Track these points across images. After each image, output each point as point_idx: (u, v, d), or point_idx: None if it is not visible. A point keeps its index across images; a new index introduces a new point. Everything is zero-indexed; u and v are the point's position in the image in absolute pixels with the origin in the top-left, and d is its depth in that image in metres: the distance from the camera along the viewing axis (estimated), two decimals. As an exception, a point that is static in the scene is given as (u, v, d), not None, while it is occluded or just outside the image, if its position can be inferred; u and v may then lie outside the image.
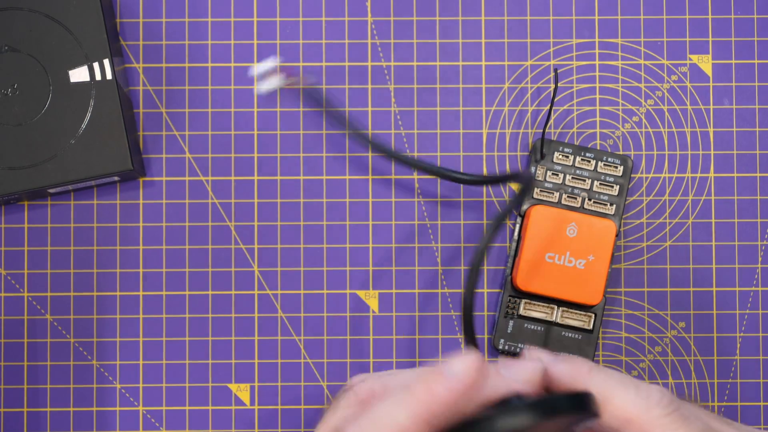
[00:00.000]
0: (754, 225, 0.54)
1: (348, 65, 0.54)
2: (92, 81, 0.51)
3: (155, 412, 0.53)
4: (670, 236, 0.54)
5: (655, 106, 0.54)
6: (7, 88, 0.51)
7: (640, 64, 0.54)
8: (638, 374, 0.53)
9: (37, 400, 0.53)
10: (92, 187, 0.53)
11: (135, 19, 0.54)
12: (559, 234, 0.51)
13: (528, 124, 0.54)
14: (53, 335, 0.53)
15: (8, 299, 0.53)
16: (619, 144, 0.54)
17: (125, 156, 0.51)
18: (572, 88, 0.54)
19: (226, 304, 0.53)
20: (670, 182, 0.54)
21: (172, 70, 0.54)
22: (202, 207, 0.53)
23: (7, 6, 0.51)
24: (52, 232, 0.53)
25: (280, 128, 0.54)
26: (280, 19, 0.54)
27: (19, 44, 0.51)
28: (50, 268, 0.53)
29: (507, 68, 0.54)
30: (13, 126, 0.51)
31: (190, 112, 0.54)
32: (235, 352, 0.53)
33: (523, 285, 0.51)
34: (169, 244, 0.53)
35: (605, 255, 0.51)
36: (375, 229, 0.53)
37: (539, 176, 0.52)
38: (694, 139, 0.54)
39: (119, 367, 0.53)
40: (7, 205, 0.53)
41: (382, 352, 0.53)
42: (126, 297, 0.53)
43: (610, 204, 0.52)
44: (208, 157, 0.54)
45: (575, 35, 0.54)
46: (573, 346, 0.52)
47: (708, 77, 0.54)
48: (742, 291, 0.53)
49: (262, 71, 0.37)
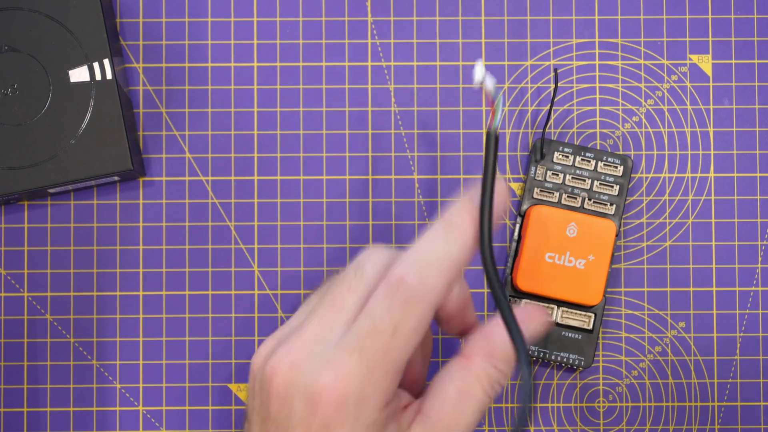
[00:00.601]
0: (754, 225, 0.54)
1: (348, 65, 0.54)
2: (92, 81, 0.51)
3: (155, 412, 0.53)
4: (670, 236, 0.54)
5: (655, 106, 0.54)
6: (7, 88, 0.51)
7: (640, 64, 0.54)
8: (638, 374, 0.53)
9: (37, 400, 0.53)
10: (92, 187, 0.53)
11: (135, 19, 0.54)
12: (559, 234, 0.51)
13: (528, 124, 0.54)
14: (53, 335, 0.53)
15: (8, 299, 0.53)
16: (619, 144, 0.54)
17: (125, 156, 0.51)
18: (572, 88, 0.54)
19: (226, 304, 0.53)
20: (670, 182, 0.54)
21: (172, 70, 0.54)
22: (202, 207, 0.53)
23: (7, 6, 0.51)
24: (52, 232, 0.53)
25: (280, 128, 0.54)
26: (280, 19, 0.54)
27: (19, 44, 0.51)
28: (50, 268, 0.53)
29: (507, 68, 0.54)
30: (13, 126, 0.51)
31: (190, 112, 0.54)
32: (235, 352, 0.53)
33: (523, 285, 0.51)
34: (169, 244, 0.53)
35: (605, 255, 0.51)
36: (375, 229, 0.53)
37: (539, 176, 0.52)
38: (694, 139, 0.54)
39: (119, 367, 0.53)
40: (7, 205, 0.53)
41: (382, 352, 0.53)
42: (126, 297, 0.53)
43: (610, 204, 0.52)
44: (208, 157, 0.54)
45: (575, 35, 0.54)
46: (573, 346, 0.52)
47: (708, 77, 0.54)
48: (742, 291, 0.53)
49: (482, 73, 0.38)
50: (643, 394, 0.53)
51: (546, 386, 0.53)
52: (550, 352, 0.52)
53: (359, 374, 0.39)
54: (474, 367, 0.42)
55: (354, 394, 0.39)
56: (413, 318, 0.40)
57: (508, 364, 0.42)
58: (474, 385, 0.41)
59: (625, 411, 0.53)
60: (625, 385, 0.53)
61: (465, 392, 0.41)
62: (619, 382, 0.53)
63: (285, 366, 0.40)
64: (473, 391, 0.41)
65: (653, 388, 0.53)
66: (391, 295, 0.40)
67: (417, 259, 0.41)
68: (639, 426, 0.53)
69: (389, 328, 0.39)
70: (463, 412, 0.41)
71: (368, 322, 0.40)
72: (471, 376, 0.41)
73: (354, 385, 0.39)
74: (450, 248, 0.41)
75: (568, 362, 0.52)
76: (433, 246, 0.41)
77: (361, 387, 0.39)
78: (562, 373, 0.53)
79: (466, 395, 0.41)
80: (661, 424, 0.53)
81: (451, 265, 0.40)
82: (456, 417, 0.41)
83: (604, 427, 0.53)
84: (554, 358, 0.52)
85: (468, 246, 0.41)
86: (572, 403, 0.53)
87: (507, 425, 0.53)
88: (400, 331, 0.39)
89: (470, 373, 0.42)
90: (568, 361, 0.52)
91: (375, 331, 0.39)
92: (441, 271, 0.40)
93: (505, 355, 0.42)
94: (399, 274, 0.40)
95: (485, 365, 0.42)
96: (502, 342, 0.42)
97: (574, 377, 0.53)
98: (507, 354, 0.42)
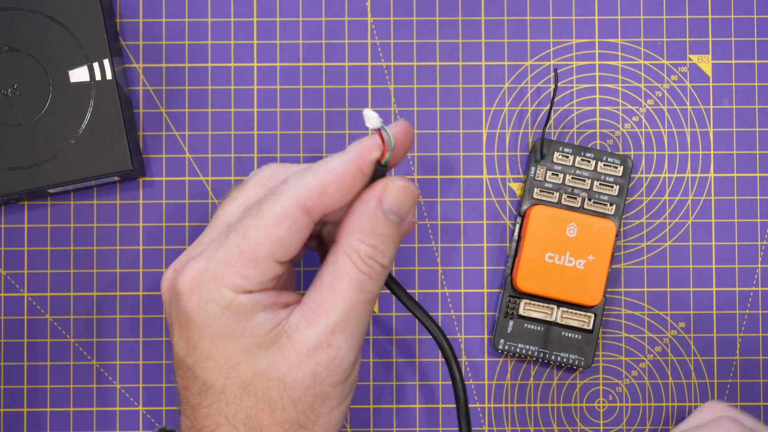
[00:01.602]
0: (754, 225, 0.54)
1: (348, 65, 0.54)
2: (92, 81, 0.51)
3: (155, 412, 0.53)
4: (670, 236, 0.54)
5: (655, 106, 0.54)
6: (7, 88, 0.51)
7: (640, 64, 0.54)
8: (638, 374, 0.53)
9: (37, 400, 0.53)
10: (92, 187, 0.53)
11: (135, 19, 0.54)
12: (559, 234, 0.51)
13: (528, 124, 0.54)
14: (53, 335, 0.53)
15: (8, 299, 0.53)
16: (619, 144, 0.54)
17: (125, 156, 0.51)
18: (572, 88, 0.54)
19: (226, 304, 0.53)
20: (670, 182, 0.54)
21: (172, 70, 0.54)
22: (202, 207, 0.53)
23: (7, 6, 0.51)
24: (52, 232, 0.53)
25: (280, 128, 0.54)
26: (280, 19, 0.54)
27: (19, 44, 0.51)
28: (50, 268, 0.53)
29: (507, 68, 0.54)
30: (13, 126, 0.51)
31: (190, 112, 0.54)
32: (235, 352, 0.53)
33: (522, 285, 0.51)
34: (169, 244, 0.53)
35: (605, 255, 0.51)
36: (375, 229, 0.53)
37: (539, 176, 0.52)
38: (694, 139, 0.54)
39: (119, 367, 0.53)
40: (7, 205, 0.53)
41: (382, 352, 0.53)
42: (126, 297, 0.53)
43: (610, 204, 0.52)
44: (208, 157, 0.54)
45: (575, 35, 0.54)
46: (573, 346, 0.52)
47: (708, 77, 0.54)
48: (742, 291, 0.53)
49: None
50: (643, 394, 0.53)
51: (546, 386, 0.53)
52: (550, 352, 0.52)
53: (214, 256, 0.41)
54: (341, 246, 0.42)
55: (206, 271, 0.40)
56: (278, 203, 0.41)
57: (377, 237, 0.42)
58: (344, 262, 0.41)
59: (625, 411, 0.53)
60: (625, 385, 0.53)
61: (337, 272, 0.41)
62: (619, 382, 0.53)
63: (169, 273, 0.43)
64: (345, 268, 0.41)
65: (653, 388, 0.53)
66: (261, 183, 0.43)
67: (301, 166, 0.43)
68: (639, 426, 0.53)
69: (255, 210, 0.41)
70: (339, 291, 0.41)
71: (243, 212, 0.42)
72: (340, 255, 0.42)
73: (207, 264, 0.41)
74: (333, 159, 0.42)
75: (568, 362, 0.52)
76: (322, 161, 0.42)
77: (213, 265, 0.40)
78: (562, 373, 0.53)
79: (339, 274, 0.41)
80: (661, 424, 0.53)
81: (327, 172, 0.41)
82: (333, 297, 0.41)
83: (604, 427, 0.53)
84: (554, 358, 0.52)
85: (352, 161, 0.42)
86: (572, 403, 0.53)
87: (507, 425, 0.53)
88: (263, 213, 0.40)
89: (339, 252, 0.42)
90: (568, 362, 0.52)
91: (244, 216, 0.41)
92: (316, 173, 0.41)
93: (370, 228, 0.42)
94: (276, 168, 0.44)
95: (351, 240, 0.42)
96: (365, 216, 0.42)
97: (574, 377, 0.53)
98: (372, 227, 0.42)
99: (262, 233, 0.40)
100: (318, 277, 0.42)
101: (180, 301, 0.41)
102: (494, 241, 0.53)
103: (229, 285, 0.40)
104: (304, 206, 0.41)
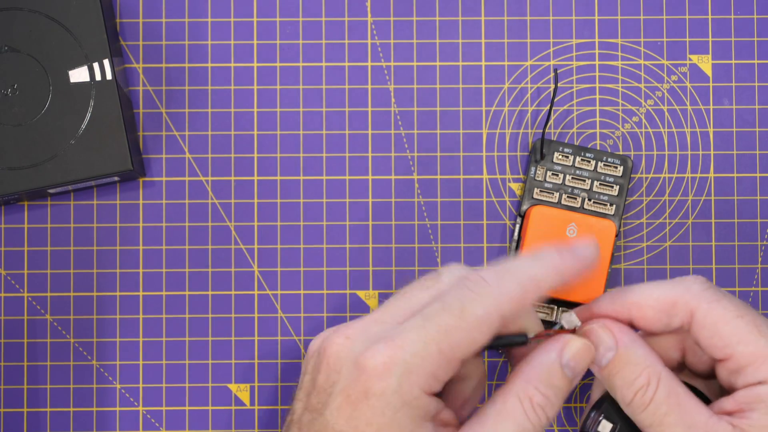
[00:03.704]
0: (754, 225, 0.54)
1: (348, 65, 0.54)
2: (92, 81, 0.51)
3: (155, 412, 0.53)
4: (670, 236, 0.54)
5: (655, 106, 0.54)
6: (7, 88, 0.51)
7: (639, 65, 0.54)
8: (638, 374, 0.53)
9: (37, 400, 0.53)
10: (92, 187, 0.53)
11: (135, 19, 0.54)
12: (559, 234, 0.51)
13: (528, 124, 0.54)
14: (53, 335, 0.53)
15: (8, 299, 0.53)
16: (619, 144, 0.54)
17: (125, 156, 0.51)
18: (572, 88, 0.54)
19: (226, 304, 0.53)
20: (670, 182, 0.54)
21: (172, 70, 0.54)
22: (202, 207, 0.53)
23: (7, 6, 0.51)
24: (52, 232, 0.53)
25: (280, 128, 0.54)
26: (280, 19, 0.54)
27: (19, 44, 0.51)
28: (50, 268, 0.53)
29: (507, 68, 0.54)
30: (13, 126, 0.51)
31: (190, 112, 0.54)
32: (235, 353, 0.53)
33: (523, 285, 0.51)
34: (169, 245, 0.53)
35: (605, 255, 0.51)
36: (375, 229, 0.53)
37: (539, 176, 0.52)
38: (694, 140, 0.54)
39: (119, 367, 0.53)
40: (7, 205, 0.53)
41: (382, 352, 0.53)
42: (126, 297, 0.53)
43: (610, 204, 0.52)
44: (208, 157, 0.54)
45: (575, 35, 0.54)
46: (573, 346, 0.52)
47: (708, 77, 0.54)
48: (742, 291, 0.53)
49: None
50: (643, 394, 0.53)
51: (546, 386, 0.53)
52: (550, 352, 0.52)
53: (413, 345, 0.39)
54: (513, 387, 0.41)
55: (402, 361, 0.39)
56: (482, 307, 0.40)
57: (552, 388, 0.41)
58: (514, 405, 0.41)
59: (625, 411, 0.53)
60: (625, 385, 0.53)
61: (505, 412, 0.41)
62: (619, 382, 0.53)
63: (340, 339, 0.41)
64: (512, 411, 0.41)
65: (653, 388, 0.53)
66: (465, 286, 0.41)
67: (498, 266, 0.42)
68: (639, 426, 0.53)
69: (457, 308, 0.40)
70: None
71: (437, 304, 0.40)
72: (511, 396, 0.41)
73: (404, 353, 0.39)
74: (533, 266, 0.41)
75: (568, 362, 0.52)
76: (517, 262, 0.42)
77: (411, 357, 0.39)
78: (562, 373, 0.53)
79: (505, 415, 0.41)
80: (661, 424, 0.53)
81: (529, 282, 0.41)
82: None
83: (604, 427, 0.53)
84: (554, 358, 0.52)
85: (551, 275, 0.41)
86: (572, 403, 0.53)
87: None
88: (466, 315, 0.39)
89: (509, 393, 0.41)
90: (568, 361, 0.52)
91: (442, 310, 0.40)
92: (519, 282, 0.41)
93: (546, 378, 0.41)
94: (478, 273, 0.41)
95: (527, 386, 0.41)
96: (544, 365, 0.41)
97: (574, 377, 0.53)
98: (549, 377, 0.41)
99: (464, 335, 0.39)
100: (482, 411, 0.41)
101: (364, 378, 0.39)
102: (494, 241, 0.53)
103: (422, 384, 0.39)
104: (502, 315, 0.40)
